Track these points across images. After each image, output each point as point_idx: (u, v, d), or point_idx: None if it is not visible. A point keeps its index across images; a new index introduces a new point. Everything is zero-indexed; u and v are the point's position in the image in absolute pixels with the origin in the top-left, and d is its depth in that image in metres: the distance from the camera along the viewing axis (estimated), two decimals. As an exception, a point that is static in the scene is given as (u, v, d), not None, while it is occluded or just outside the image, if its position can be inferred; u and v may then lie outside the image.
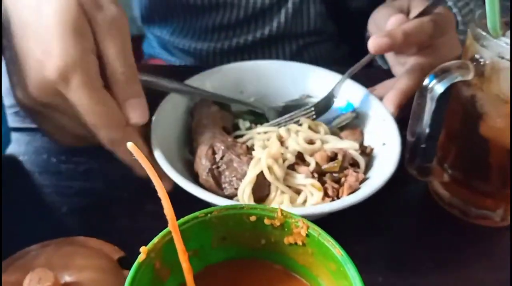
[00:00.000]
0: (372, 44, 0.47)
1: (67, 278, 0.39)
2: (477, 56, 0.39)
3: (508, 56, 0.37)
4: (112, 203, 0.48)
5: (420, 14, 0.51)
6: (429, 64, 0.50)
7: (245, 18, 0.76)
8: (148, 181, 0.32)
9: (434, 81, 0.39)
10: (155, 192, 0.50)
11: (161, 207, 0.38)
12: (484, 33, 0.39)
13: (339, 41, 0.83)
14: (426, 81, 0.40)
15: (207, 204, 0.40)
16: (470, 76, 0.39)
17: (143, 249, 0.32)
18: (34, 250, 0.43)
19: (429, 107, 0.40)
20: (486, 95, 0.40)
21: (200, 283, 0.35)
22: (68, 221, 0.47)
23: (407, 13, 0.55)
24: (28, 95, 0.42)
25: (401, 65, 0.54)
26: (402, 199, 0.49)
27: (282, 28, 0.77)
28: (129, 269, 0.31)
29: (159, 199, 0.48)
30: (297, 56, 0.80)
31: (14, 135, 0.55)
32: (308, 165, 0.41)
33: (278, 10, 0.76)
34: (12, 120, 0.55)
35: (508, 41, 0.39)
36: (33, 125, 0.57)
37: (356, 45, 0.72)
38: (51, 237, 0.43)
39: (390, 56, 0.57)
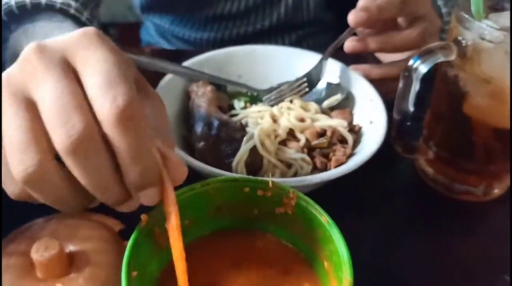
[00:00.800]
0: (352, 18, 0.49)
1: (71, 248, 0.42)
2: (459, 38, 0.41)
3: (489, 37, 0.40)
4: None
5: None
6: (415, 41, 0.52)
7: (245, 10, 0.77)
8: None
9: (419, 61, 0.41)
10: None
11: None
12: (466, 16, 0.41)
13: (338, 31, 0.84)
14: (411, 62, 0.42)
15: (203, 178, 0.42)
16: (453, 57, 0.42)
17: (143, 216, 0.34)
18: (38, 223, 0.45)
19: (414, 86, 0.42)
20: (468, 75, 0.42)
21: (195, 252, 0.37)
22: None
23: None
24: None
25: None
26: (390, 176, 0.51)
27: (282, 19, 0.78)
28: (129, 239, 0.33)
29: None
30: (296, 46, 0.82)
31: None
32: (298, 141, 0.43)
33: (278, 2, 0.77)
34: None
35: (490, 23, 0.41)
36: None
37: (354, 35, 0.73)
38: (56, 211, 0.45)
39: (382, 56, 0.59)
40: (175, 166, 0.31)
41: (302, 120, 0.45)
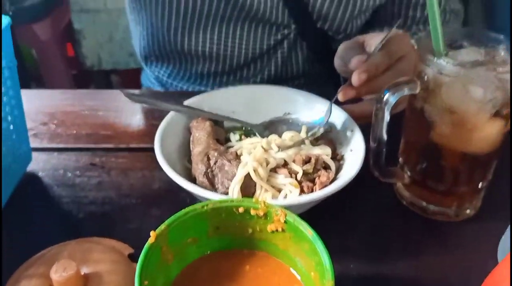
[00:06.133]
0: (356, 79, 0.54)
1: (86, 270, 0.46)
2: (422, 73, 0.48)
3: (446, 72, 0.46)
4: (122, 209, 0.55)
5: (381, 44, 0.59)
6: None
7: (237, 67, 0.83)
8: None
9: (388, 94, 0.47)
10: (159, 198, 0.59)
11: (164, 211, 0.46)
12: (427, 54, 0.47)
13: (325, 80, 0.91)
14: (381, 94, 0.48)
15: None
16: (417, 90, 0.48)
17: (152, 233, 0.39)
18: (56, 248, 0.50)
19: (386, 117, 0.48)
20: (432, 106, 0.48)
21: (197, 270, 0.43)
22: (84, 225, 0.54)
23: (362, 43, 0.63)
24: None
25: None
26: (371, 199, 0.56)
27: (273, 74, 0.84)
28: (137, 262, 0.38)
29: (162, 204, 0.57)
30: None
31: (33, 155, 0.62)
32: (287, 166, 0.49)
33: (269, 59, 0.83)
34: (31, 141, 0.63)
35: (448, 59, 0.47)
36: (50, 145, 0.65)
37: (338, 83, 0.80)
38: (70, 238, 0.51)
39: None
40: None
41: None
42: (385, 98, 0.47)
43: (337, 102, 0.58)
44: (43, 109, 0.71)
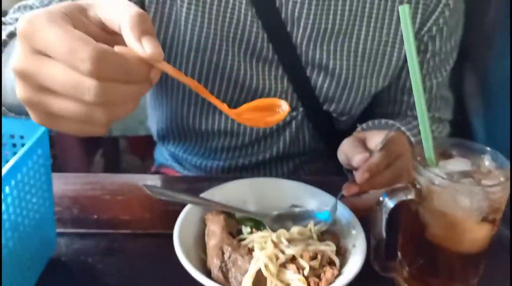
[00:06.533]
0: (359, 177, 0.62)
1: None
2: (415, 182, 0.54)
3: (437, 183, 0.52)
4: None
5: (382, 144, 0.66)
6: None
7: (249, 143, 0.91)
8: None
9: (386, 198, 0.53)
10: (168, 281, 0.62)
11: None
12: (418, 165, 0.53)
13: (329, 157, 0.98)
14: (380, 198, 0.54)
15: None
16: (412, 196, 0.54)
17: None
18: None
19: (384, 218, 0.53)
20: (426, 210, 0.54)
21: None
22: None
23: (363, 139, 0.70)
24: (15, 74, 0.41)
25: None
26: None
27: (281, 151, 0.91)
28: None
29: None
30: (294, 173, 0.95)
31: (57, 239, 0.67)
32: (294, 261, 0.54)
33: (278, 137, 0.91)
34: (56, 225, 0.67)
35: (437, 171, 0.53)
36: (73, 230, 0.70)
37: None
38: None
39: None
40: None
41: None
42: (383, 203, 0.53)
43: (341, 197, 0.64)
44: (67, 194, 0.77)
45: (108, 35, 0.44)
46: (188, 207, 0.62)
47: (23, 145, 0.60)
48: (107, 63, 0.38)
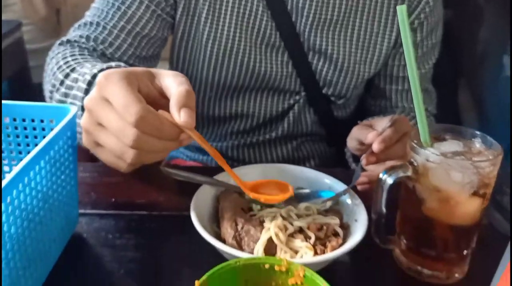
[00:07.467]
0: (376, 147, 0.68)
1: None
2: (412, 160, 0.59)
3: (432, 160, 0.57)
4: (156, 268, 0.64)
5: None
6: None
7: (257, 125, 1.01)
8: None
9: (386, 175, 0.58)
10: (190, 259, 0.67)
11: (194, 270, 0.55)
12: (415, 145, 0.59)
13: (329, 143, 1.07)
14: (380, 176, 0.59)
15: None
16: (409, 173, 0.59)
17: (196, 283, 0.48)
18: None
19: (384, 194, 0.59)
20: (422, 186, 0.59)
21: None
22: (125, 280, 0.62)
23: (370, 126, 0.77)
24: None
25: None
26: (373, 263, 0.65)
27: (285, 131, 1.02)
28: None
29: (193, 265, 0.66)
30: (296, 151, 1.05)
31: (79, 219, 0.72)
32: (302, 232, 0.59)
33: (282, 119, 1.01)
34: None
35: (432, 150, 0.58)
36: (93, 211, 0.75)
37: (341, 148, 0.94)
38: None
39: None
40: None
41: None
42: (383, 179, 0.58)
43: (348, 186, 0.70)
44: (86, 180, 0.82)
45: (163, 100, 0.56)
46: (203, 187, 0.67)
47: (51, 129, 0.65)
48: (147, 121, 0.52)
